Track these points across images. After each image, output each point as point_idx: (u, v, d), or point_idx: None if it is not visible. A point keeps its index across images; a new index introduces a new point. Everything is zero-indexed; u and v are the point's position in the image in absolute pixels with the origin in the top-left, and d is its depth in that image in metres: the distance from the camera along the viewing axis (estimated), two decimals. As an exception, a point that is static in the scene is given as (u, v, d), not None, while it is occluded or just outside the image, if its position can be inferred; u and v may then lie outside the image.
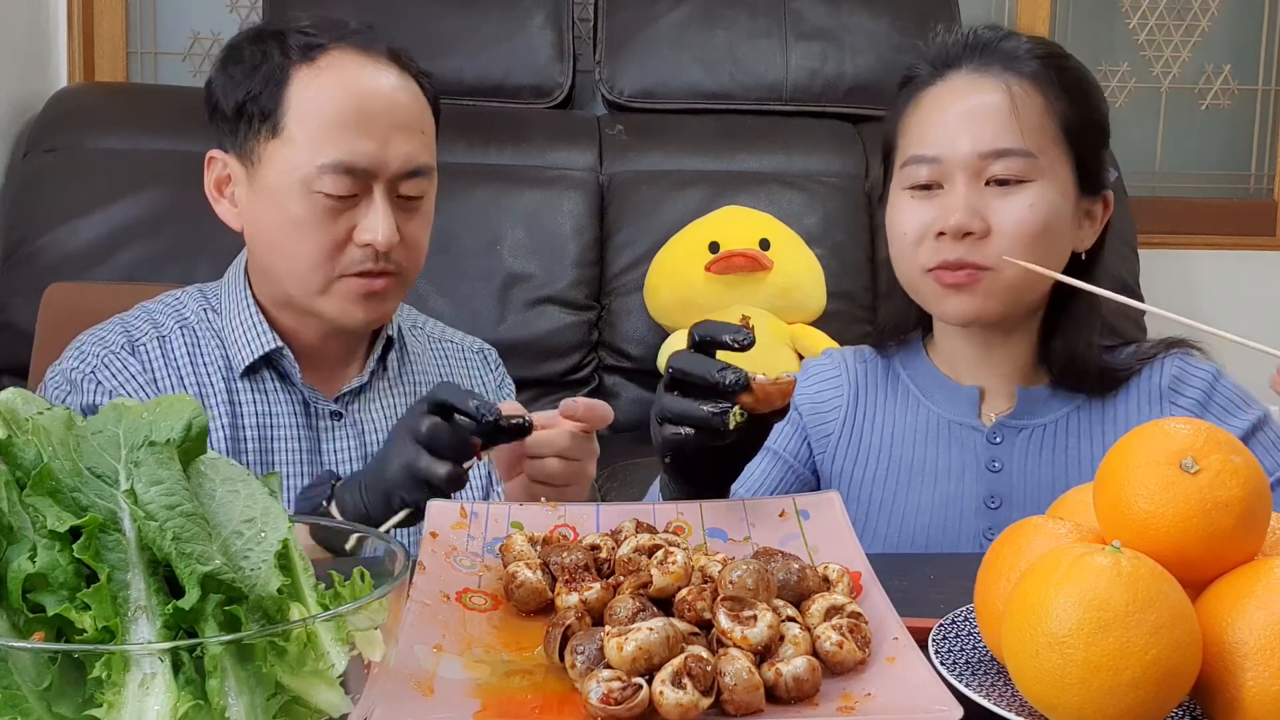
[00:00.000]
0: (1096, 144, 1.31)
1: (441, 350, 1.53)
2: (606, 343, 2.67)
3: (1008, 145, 1.24)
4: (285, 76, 1.28)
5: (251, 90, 1.29)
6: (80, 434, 0.63)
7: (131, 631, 0.59)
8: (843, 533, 0.96)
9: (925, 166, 1.27)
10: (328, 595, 0.65)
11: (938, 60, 1.31)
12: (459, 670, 0.77)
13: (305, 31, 1.31)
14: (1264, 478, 0.75)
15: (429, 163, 1.34)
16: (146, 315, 1.39)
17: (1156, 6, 3.29)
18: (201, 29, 3.09)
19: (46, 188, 2.58)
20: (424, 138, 1.33)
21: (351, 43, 1.31)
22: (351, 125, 1.27)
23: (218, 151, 1.35)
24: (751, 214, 2.58)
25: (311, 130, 1.27)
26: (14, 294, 2.47)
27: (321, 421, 1.39)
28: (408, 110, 1.31)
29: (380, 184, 1.29)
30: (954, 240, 1.23)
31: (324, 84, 1.28)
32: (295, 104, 1.28)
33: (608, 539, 0.93)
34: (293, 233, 1.29)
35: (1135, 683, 0.68)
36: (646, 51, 2.88)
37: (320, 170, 1.26)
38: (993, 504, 1.30)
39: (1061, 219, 1.26)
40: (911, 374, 1.39)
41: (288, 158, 1.28)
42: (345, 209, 1.28)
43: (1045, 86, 1.27)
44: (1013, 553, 0.80)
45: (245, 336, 1.36)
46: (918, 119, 1.30)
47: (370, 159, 1.28)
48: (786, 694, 0.74)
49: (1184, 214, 3.27)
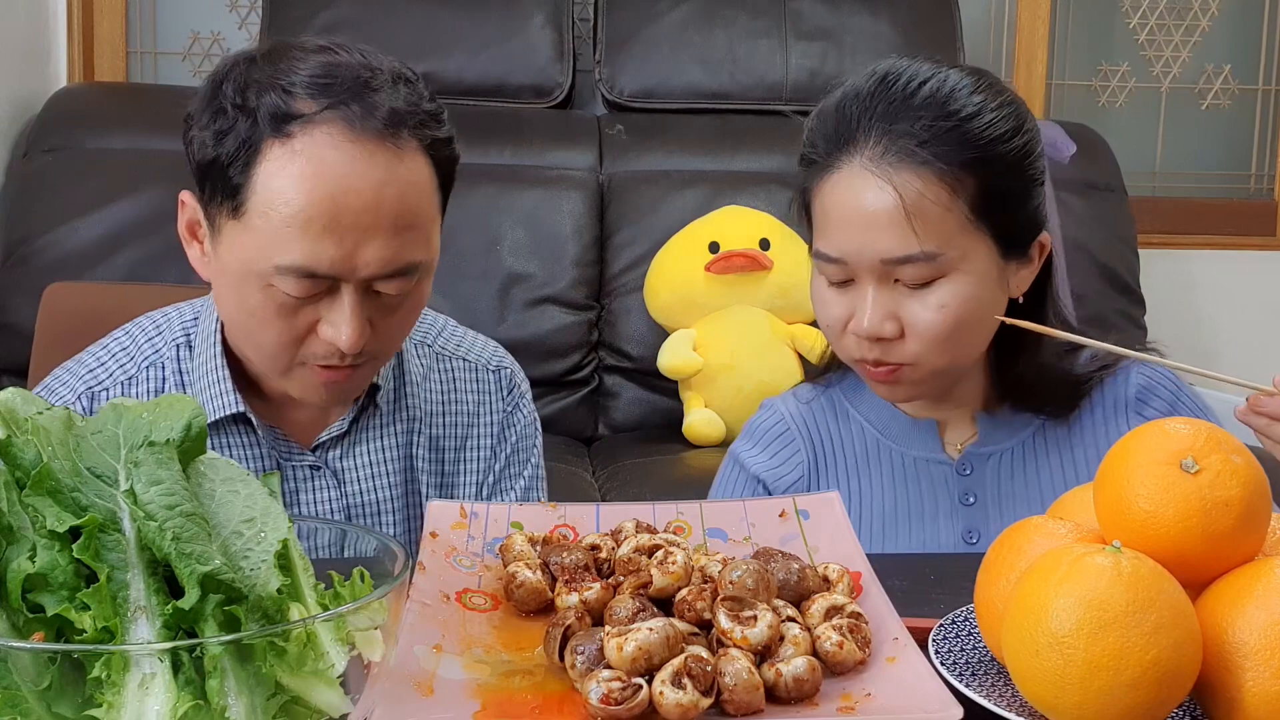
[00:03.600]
0: (1021, 204, 1.20)
1: (450, 372, 1.38)
2: (606, 343, 2.67)
3: (906, 253, 1.15)
4: (255, 153, 1.10)
5: (219, 158, 1.12)
6: (80, 434, 0.63)
7: (131, 631, 0.59)
8: (843, 533, 0.96)
9: (833, 265, 1.19)
10: (328, 595, 0.66)
11: (831, 137, 1.19)
12: (459, 670, 0.77)
13: (290, 91, 1.11)
14: (1264, 477, 0.75)
15: (416, 260, 1.15)
16: (120, 349, 1.30)
17: (1156, 6, 3.29)
18: (201, 29, 3.08)
19: (46, 188, 2.58)
20: (412, 234, 1.14)
21: (340, 116, 1.10)
22: (317, 227, 1.09)
23: (189, 196, 1.20)
24: (751, 214, 2.58)
25: (273, 225, 1.10)
26: (14, 294, 2.46)
27: (299, 473, 1.28)
28: (392, 208, 1.11)
29: (350, 285, 1.12)
30: (870, 341, 1.18)
31: (294, 174, 1.09)
32: (260, 189, 1.10)
33: (608, 539, 0.93)
34: (250, 320, 1.15)
35: (1135, 683, 0.68)
36: (646, 51, 2.88)
37: (278, 270, 1.10)
38: (971, 539, 1.27)
39: (981, 302, 1.19)
40: (864, 411, 1.32)
41: (246, 246, 1.12)
42: (308, 302, 1.13)
43: (946, 174, 1.14)
44: (1013, 553, 0.80)
45: (210, 391, 1.24)
46: (820, 210, 1.21)
47: (334, 267, 1.10)
48: (786, 694, 0.74)
49: (1184, 214, 3.27)
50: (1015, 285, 1.24)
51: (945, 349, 1.18)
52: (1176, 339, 2.96)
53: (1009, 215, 1.19)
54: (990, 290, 1.20)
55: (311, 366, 1.17)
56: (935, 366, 1.20)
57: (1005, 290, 1.22)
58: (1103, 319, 2.69)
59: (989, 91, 1.19)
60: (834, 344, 1.26)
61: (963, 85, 1.18)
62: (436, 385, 1.37)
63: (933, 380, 1.22)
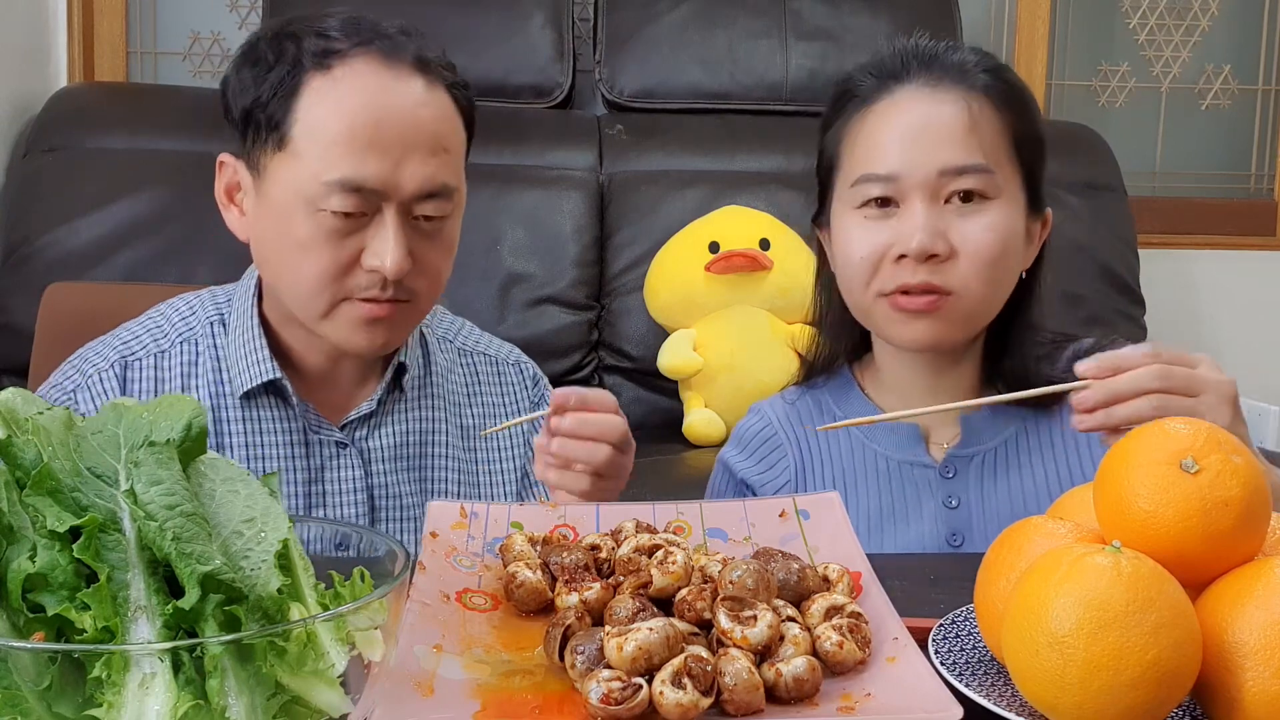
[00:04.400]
0: (1041, 161, 1.27)
1: (472, 365, 1.43)
2: (606, 343, 2.67)
3: (969, 162, 1.19)
4: (297, 85, 1.19)
5: (260, 97, 1.20)
6: (80, 434, 0.63)
7: (131, 631, 0.59)
8: (843, 533, 0.96)
9: (879, 185, 1.21)
10: (328, 595, 0.66)
11: (883, 74, 1.25)
12: (459, 670, 0.77)
13: (326, 34, 1.21)
14: (1264, 477, 0.75)
15: (450, 183, 1.22)
16: (154, 325, 1.33)
17: (1156, 6, 3.29)
18: (201, 29, 3.09)
19: (46, 188, 2.58)
20: (447, 157, 1.22)
21: (375, 49, 1.20)
22: (362, 142, 1.17)
23: (228, 156, 1.27)
24: (751, 214, 2.58)
25: (320, 146, 1.17)
26: (14, 294, 2.46)
27: (325, 450, 1.30)
28: (429, 128, 1.21)
29: (392, 205, 1.19)
30: (916, 263, 1.19)
31: (337, 97, 1.18)
32: (304, 117, 1.18)
33: (608, 539, 0.93)
34: (296, 252, 1.20)
35: (1135, 683, 0.68)
36: (646, 51, 2.88)
37: (326, 188, 1.17)
38: (954, 542, 1.27)
39: (1017, 239, 1.23)
40: (850, 413, 1.32)
41: (293, 173, 1.19)
42: (353, 230, 1.19)
43: (998, 101, 1.22)
44: (1013, 553, 0.80)
45: (246, 360, 1.28)
46: (866, 135, 1.24)
47: (381, 179, 1.18)
48: (786, 694, 0.74)
49: (1184, 214, 3.27)
50: (1026, 256, 1.27)
51: (990, 276, 1.20)
52: (1176, 339, 2.96)
53: (1035, 166, 1.25)
54: (1022, 235, 1.24)
55: (354, 302, 1.21)
56: (976, 298, 1.21)
57: (1025, 247, 1.26)
58: (1102, 319, 2.69)
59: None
60: (857, 286, 1.24)
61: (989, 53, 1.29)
62: (460, 379, 1.41)
63: (965, 322, 1.23)
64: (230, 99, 1.24)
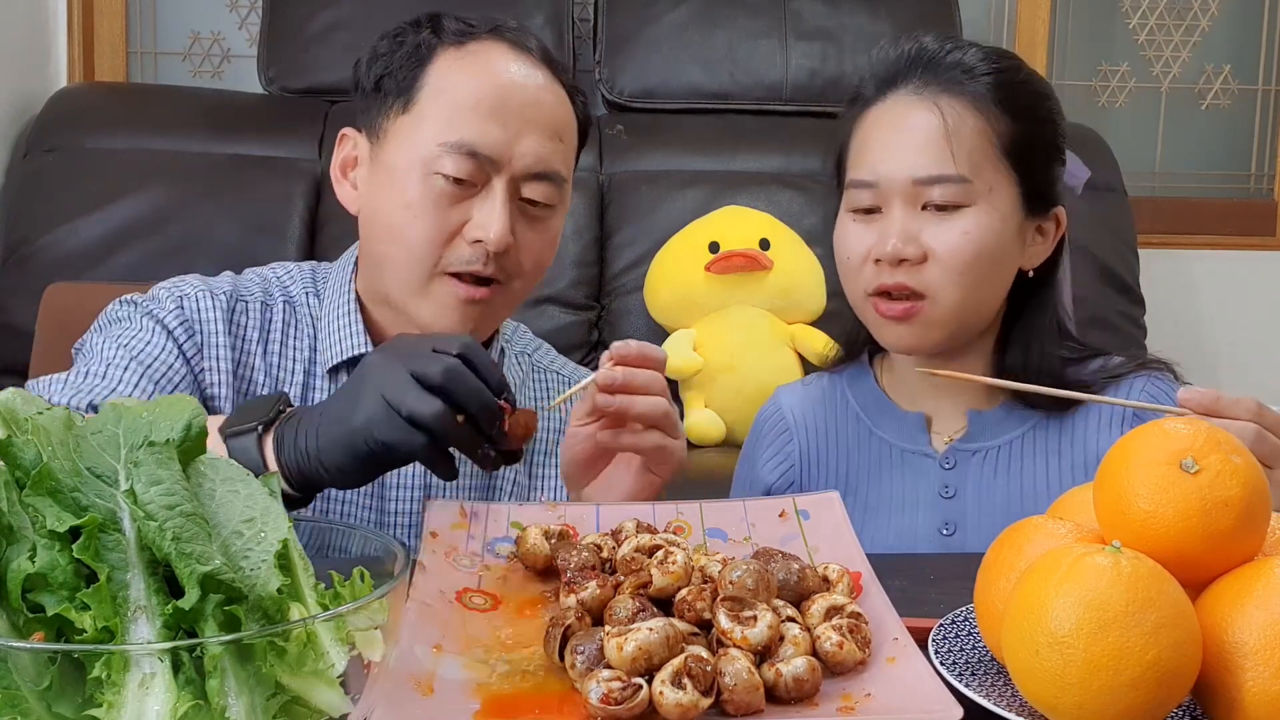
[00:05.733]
0: (1046, 161, 1.28)
1: (543, 383, 1.45)
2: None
3: (940, 171, 1.21)
4: (429, 55, 1.24)
5: (393, 65, 1.25)
6: (80, 434, 0.63)
7: (131, 631, 0.59)
8: (843, 533, 0.96)
9: (865, 191, 1.25)
10: (328, 595, 0.66)
11: (882, 77, 1.28)
12: (459, 670, 0.77)
13: (463, 20, 1.27)
14: (1264, 478, 0.75)
15: (561, 171, 1.26)
16: (260, 280, 1.34)
17: (1156, 6, 3.29)
18: (201, 29, 3.08)
19: (46, 188, 2.58)
20: (561, 146, 1.26)
21: (506, 38, 1.27)
22: (484, 109, 1.21)
23: (350, 130, 1.31)
24: (751, 214, 2.58)
25: (443, 108, 1.22)
26: (14, 294, 2.47)
27: None
28: (548, 111, 1.25)
29: (503, 179, 1.22)
30: (891, 266, 1.22)
31: (466, 66, 1.24)
32: (433, 82, 1.23)
33: (608, 539, 0.93)
34: (404, 214, 1.21)
35: (1135, 683, 0.68)
36: (646, 51, 2.88)
37: (442, 149, 1.20)
38: (946, 531, 1.28)
39: (1002, 242, 1.23)
40: (860, 400, 1.36)
41: (413, 134, 1.22)
42: (462, 198, 1.21)
43: (985, 106, 1.23)
44: (1013, 553, 0.80)
45: (339, 333, 1.29)
46: (860, 140, 1.28)
47: (496, 148, 1.21)
48: (786, 694, 0.74)
49: (1184, 214, 3.26)
50: (1029, 256, 1.28)
51: (963, 281, 1.21)
52: (1176, 339, 2.96)
53: (1035, 168, 1.26)
54: (1010, 238, 1.25)
55: (451, 281, 1.22)
56: (951, 303, 1.22)
57: (1022, 249, 1.27)
58: (1103, 319, 2.69)
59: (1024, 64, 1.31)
60: (850, 284, 1.29)
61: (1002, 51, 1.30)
62: (531, 394, 1.42)
63: (945, 325, 1.24)
64: (363, 71, 1.29)
